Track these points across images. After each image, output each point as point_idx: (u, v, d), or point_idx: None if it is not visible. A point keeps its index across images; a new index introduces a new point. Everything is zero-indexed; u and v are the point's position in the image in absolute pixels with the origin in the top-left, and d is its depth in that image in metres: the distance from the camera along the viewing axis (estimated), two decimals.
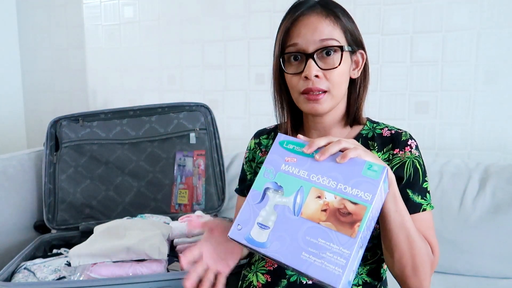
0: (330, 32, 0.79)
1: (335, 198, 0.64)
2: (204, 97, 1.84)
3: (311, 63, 0.79)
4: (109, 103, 2.00)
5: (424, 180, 0.82)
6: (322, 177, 0.66)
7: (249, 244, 0.66)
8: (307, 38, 0.79)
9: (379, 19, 1.57)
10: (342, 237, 0.61)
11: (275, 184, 0.68)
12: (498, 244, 1.27)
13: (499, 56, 1.45)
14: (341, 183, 0.65)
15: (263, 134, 1.00)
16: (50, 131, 1.50)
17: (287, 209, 0.66)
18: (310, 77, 0.79)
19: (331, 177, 0.65)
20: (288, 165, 0.68)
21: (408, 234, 0.73)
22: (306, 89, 0.80)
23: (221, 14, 1.78)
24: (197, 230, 1.25)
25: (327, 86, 0.80)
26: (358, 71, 0.85)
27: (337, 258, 0.60)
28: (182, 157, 1.52)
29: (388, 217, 0.72)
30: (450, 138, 1.55)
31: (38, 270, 1.13)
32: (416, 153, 0.83)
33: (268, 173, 0.69)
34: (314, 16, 0.80)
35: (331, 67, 0.79)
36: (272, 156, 0.70)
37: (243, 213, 0.68)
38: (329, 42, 0.79)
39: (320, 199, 0.64)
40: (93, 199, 1.50)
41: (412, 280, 0.76)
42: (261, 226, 0.66)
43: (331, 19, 0.80)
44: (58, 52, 2.07)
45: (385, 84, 1.59)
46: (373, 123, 0.90)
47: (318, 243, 0.62)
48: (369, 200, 0.62)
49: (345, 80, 0.83)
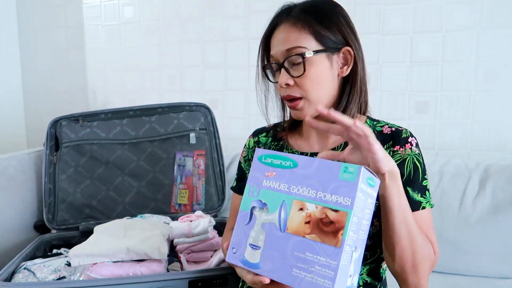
0: (295, 40, 0.81)
1: (316, 208, 0.63)
2: (204, 97, 1.84)
3: (281, 72, 0.83)
4: (109, 103, 2.00)
5: (423, 178, 0.82)
6: (301, 188, 0.65)
7: (245, 266, 0.66)
8: (277, 48, 0.84)
9: (379, 19, 1.57)
10: (327, 248, 0.60)
11: (259, 202, 0.67)
12: (498, 244, 1.27)
13: (499, 56, 1.45)
14: (320, 191, 0.63)
15: (262, 133, 1.00)
16: (50, 131, 1.50)
17: (273, 226, 0.65)
18: (282, 86, 0.84)
19: (310, 186, 0.64)
20: (269, 180, 0.68)
21: (410, 230, 0.73)
22: (284, 97, 0.86)
23: (221, 14, 1.78)
24: (197, 230, 1.25)
25: (300, 92, 0.83)
26: (348, 69, 0.85)
27: (325, 271, 0.59)
28: (182, 157, 1.52)
29: (391, 212, 0.72)
30: (450, 138, 1.55)
31: (38, 270, 1.13)
32: (416, 150, 0.83)
33: (252, 191, 0.68)
34: (287, 25, 0.83)
35: (298, 74, 0.82)
36: (253, 173, 0.69)
37: (236, 236, 0.68)
38: (293, 51, 0.81)
39: (302, 211, 0.63)
40: (93, 199, 1.50)
41: (411, 277, 0.76)
42: (252, 247, 0.66)
43: (297, 26, 0.82)
44: (58, 52, 2.07)
45: (385, 84, 1.59)
46: (374, 121, 0.90)
47: (306, 258, 0.61)
48: (349, 205, 0.60)
49: (321, 83, 0.83)
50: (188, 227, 1.26)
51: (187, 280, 1.02)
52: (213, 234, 1.28)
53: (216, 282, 1.03)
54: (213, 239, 1.27)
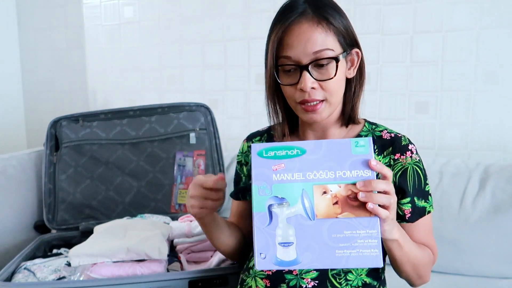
0: (323, 42, 0.76)
1: (339, 187, 0.64)
2: (204, 97, 1.84)
3: (306, 75, 0.77)
4: (109, 103, 2.00)
5: (425, 184, 0.84)
6: (318, 172, 0.65)
7: (281, 267, 0.64)
8: (300, 49, 0.76)
9: (379, 19, 1.57)
10: (363, 220, 0.63)
11: (276, 198, 0.65)
12: (498, 244, 1.27)
13: (499, 56, 1.45)
14: (338, 170, 0.65)
15: (256, 137, 0.99)
16: (50, 131, 1.50)
17: (300, 217, 0.64)
18: (306, 89, 0.77)
19: (327, 168, 0.65)
20: (279, 174, 0.66)
21: (413, 263, 0.79)
22: (303, 101, 0.79)
23: (221, 14, 1.78)
24: (197, 230, 1.25)
25: (323, 95, 0.79)
26: (354, 70, 0.84)
27: (368, 241, 0.63)
28: (182, 157, 1.52)
29: (394, 256, 0.77)
30: (450, 138, 1.54)
31: (38, 270, 1.13)
32: (416, 157, 0.84)
33: (263, 189, 0.66)
34: (306, 25, 0.76)
35: (326, 78, 0.78)
36: (257, 170, 0.67)
37: (259, 240, 0.65)
38: (323, 54, 0.76)
39: (326, 194, 0.64)
40: (93, 199, 1.49)
41: (417, 282, 0.85)
42: (284, 245, 0.65)
43: (323, 26, 0.77)
44: (58, 52, 2.07)
45: (385, 84, 1.59)
46: (371, 124, 0.89)
47: (345, 236, 0.63)
48: (370, 176, 0.64)
49: (342, 86, 0.82)
50: (188, 227, 1.26)
51: (187, 280, 1.02)
52: None
53: (216, 282, 1.03)
54: None
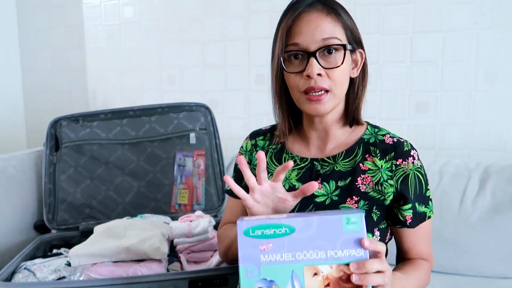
0: (331, 31, 0.78)
1: (331, 268, 0.61)
2: (204, 97, 1.84)
3: (313, 62, 0.78)
4: (109, 103, 2.00)
5: (426, 189, 0.84)
6: (308, 252, 0.62)
7: None
8: (308, 36, 0.78)
9: (379, 19, 1.57)
10: None
11: (265, 281, 0.62)
12: (498, 244, 1.27)
13: (499, 56, 1.45)
14: (329, 250, 0.61)
15: (259, 135, 0.97)
16: (50, 131, 1.50)
17: None
18: (312, 76, 0.77)
19: (317, 248, 0.61)
20: (267, 254, 0.62)
21: None
22: (308, 88, 0.78)
23: (221, 14, 1.78)
24: (197, 230, 1.25)
25: (329, 85, 0.79)
26: (357, 70, 0.85)
27: None
28: (182, 157, 1.52)
29: None
30: (450, 138, 1.54)
31: (38, 270, 1.13)
32: (418, 163, 0.83)
33: (251, 271, 0.63)
34: (315, 14, 0.79)
35: (333, 66, 0.78)
36: (244, 251, 0.63)
37: None
38: (331, 41, 0.78)
39: (318, 276, 0.61)
40: (93, 199, 1.49)
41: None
42: None
43: (332, 16, 0.79)
44: (58, 52, 2.07)
45: (385, 84, 1.59)
46: (374, 128, 0.89)
47: None
48: (363, 255, 0.61)
49: (346, 79, 0.82)
50: (188, 227, 1.26)
51: (187, 280, 1.02)
52: (213, 234, 1.28)
53: (216, 282, 1.03)
54: (213, 239, 1.27)
